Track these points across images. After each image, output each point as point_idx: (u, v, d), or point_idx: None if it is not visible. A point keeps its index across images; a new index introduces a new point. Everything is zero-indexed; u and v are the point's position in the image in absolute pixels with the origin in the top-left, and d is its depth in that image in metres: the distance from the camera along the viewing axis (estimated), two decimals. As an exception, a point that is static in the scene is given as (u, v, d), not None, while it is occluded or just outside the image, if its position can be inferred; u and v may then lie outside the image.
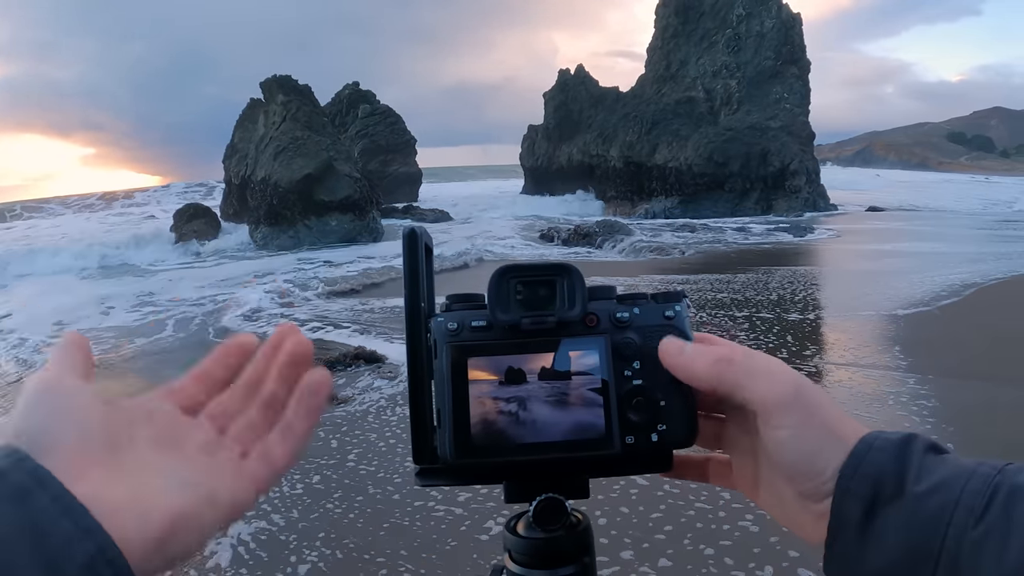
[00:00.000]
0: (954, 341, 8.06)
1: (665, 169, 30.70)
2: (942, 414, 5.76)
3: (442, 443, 0.54)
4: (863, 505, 0.47)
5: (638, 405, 0.55)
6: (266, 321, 11.26)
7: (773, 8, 32.64)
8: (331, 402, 7.19)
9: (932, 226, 22.80)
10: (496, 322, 0.54)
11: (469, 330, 0.55)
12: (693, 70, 33.92)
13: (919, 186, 53.24)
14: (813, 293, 11.48)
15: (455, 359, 0.54)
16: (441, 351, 0.54)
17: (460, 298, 0.57)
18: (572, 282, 0.56)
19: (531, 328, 0.54)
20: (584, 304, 0.55)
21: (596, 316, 0.56)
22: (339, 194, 23.75)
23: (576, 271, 0.56)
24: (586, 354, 0.55)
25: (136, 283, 16.73)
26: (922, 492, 0.46)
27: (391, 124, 34.19)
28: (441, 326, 0.55)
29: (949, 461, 0.47)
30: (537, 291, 0.56)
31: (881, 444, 0.49)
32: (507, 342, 0.55)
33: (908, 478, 0.47)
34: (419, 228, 0.57)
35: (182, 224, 25.10)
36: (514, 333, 0.55)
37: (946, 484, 0.45)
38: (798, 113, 31.56)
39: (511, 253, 19.23)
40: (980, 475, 0.45)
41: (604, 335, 0.55)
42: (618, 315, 0.56)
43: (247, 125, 26.87)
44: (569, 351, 0.55)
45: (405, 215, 30.75)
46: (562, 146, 37.03)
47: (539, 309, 0.55)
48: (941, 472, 0.46)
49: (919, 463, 0.47)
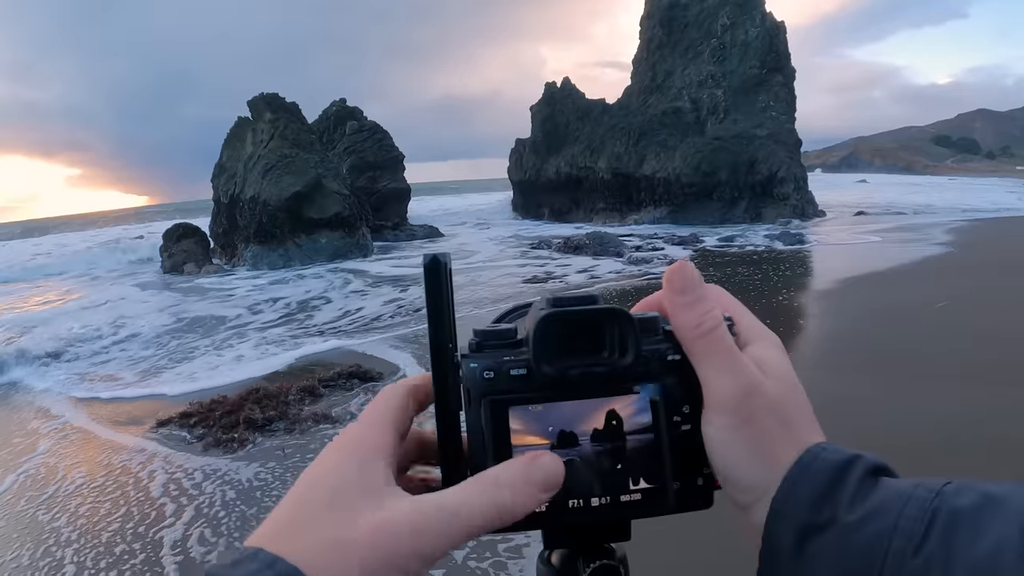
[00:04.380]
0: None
1: (653, 180, 30.79)
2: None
3: None
4: (795, 531, 0.45)
5: (686, 452, 0.51)
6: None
7: (757, 17, 32.89)
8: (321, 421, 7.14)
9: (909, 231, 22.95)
10: (539, 373, 0.49)
11: (508, 379, 0.49)
12: (679, 80, 34.09)
13: (905, 189, 53.70)
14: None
15: (494, 413, 0.49)
16: (477, 404, 0.50)
17: (490, 335, 0.52)
18: (623, 327, 0.50)
19: (578, 380, 0.50)
20: (637, 351, 0.50)
21: (647, 360, 0.51)
22: (328, 211, 23.69)
23: (627, 315, 0.50)
24: (639, 410, 0.51)
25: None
26: (855, 520, 0.44)
27: (379, 140, 34.15)
28: (475, 373, 0.49)
29: (886, 485, 0.45)
30: (585, 338, 0.51)
31: (820, 466, 0.47)
32: (550, 393, 0.50)
33: (841, 505, 0.45)
34: (442, 256, 0.51)
35: (171, 244, 24.95)
36: (559, 384, 0.50)
37: (881, 511, 0.43)
38: (784, 121, 31.74)
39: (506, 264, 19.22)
40: (917, 499, 0.43)
41: (656, 384, 0.51)
42: (669, 358, 0.52)
43: (235, 144, 26.79)
44: (623, 406, 0.51)
45: (395, 231, 30.68)
46: (550, 159, 37.07)
47: (587, 358, 0.50)
48: (876, 497, 0.44)
49: (855, 488, 0.45)
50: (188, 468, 6.35)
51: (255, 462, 6.34)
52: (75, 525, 5.43)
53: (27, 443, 7.39)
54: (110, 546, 5.04)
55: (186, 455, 6.66)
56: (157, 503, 5.68)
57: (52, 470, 6.59)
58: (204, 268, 23.18)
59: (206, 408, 7.66)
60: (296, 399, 7.80)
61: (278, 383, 8.38)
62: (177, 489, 5.91)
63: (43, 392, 9.36)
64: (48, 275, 25.30)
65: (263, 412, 7.33)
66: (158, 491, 5.90)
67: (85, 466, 6.67)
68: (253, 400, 7.67)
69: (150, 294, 18.11)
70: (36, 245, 40.63)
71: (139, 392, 9.05)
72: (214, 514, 5.39)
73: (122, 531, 5.26)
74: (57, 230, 59.55)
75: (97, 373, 10.20)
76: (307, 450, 6.51)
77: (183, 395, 8.55)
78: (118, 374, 10.08)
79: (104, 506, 5.73)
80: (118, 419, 7.99)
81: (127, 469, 6.46)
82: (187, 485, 5.98)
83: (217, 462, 6.42)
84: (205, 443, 6.86)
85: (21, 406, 8.85)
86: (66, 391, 9.29)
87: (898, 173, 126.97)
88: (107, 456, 6.88)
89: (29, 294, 20.75)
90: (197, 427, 7.27)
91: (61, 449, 7.16)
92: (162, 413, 7.78)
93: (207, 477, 6.11)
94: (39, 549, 5.09)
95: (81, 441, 7.40)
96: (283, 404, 7.62)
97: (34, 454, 7.04)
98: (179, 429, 7.32)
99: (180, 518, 5.37)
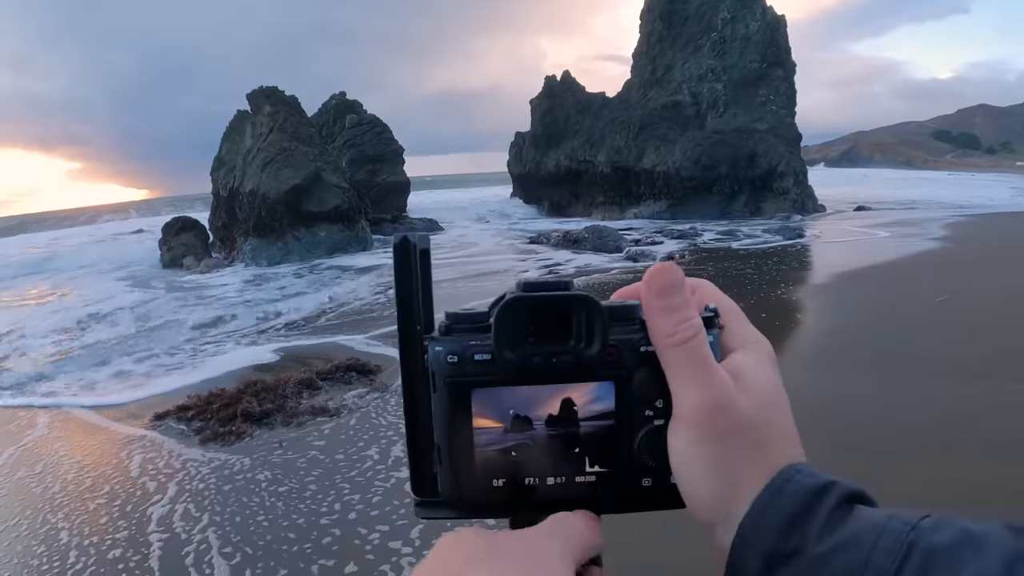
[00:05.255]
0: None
1: (653, 173, 30.76)
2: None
3: (443, 481, 0.50)
4: (762, 559, 0.43)
5: (656, 449, 0.49)
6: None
7: (758, 11, 32.79)
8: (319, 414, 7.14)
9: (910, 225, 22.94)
10: (502, 358, 0.48)
11: (472, 363, 0.49)
12: (679, 74, 34.02)
13: (904, 183, 53.67)
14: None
15: (456, 397, 0.49)
16: (440, 387, 0.49)
17: (460, 318, 0.51)
18: (591, 315, 0.48)
19: (541, 367, 0.49)
20: (603, 339, 0.48)
21: (617, 350, 0.49)
22: (328, 204, 23.66)
23: (595, 302, 0.49)
24: (599, 398, 0.50)
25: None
26: (825, 551, 0.41)
27: (378, 134, 34.07)
28: (440, 356, 0.49)
29: (859, 515, 0.43)
30: (550, 324, 0.49)
31: (791, 490, 0.45)
32: (514, 380, 0.49)
33: (810, 534, 0.42)
34: (412, 236, 0.50)
35: (170, 237, 24.94)
36: (523, 371, 0.49)
37: (852, 542, 0.41)
38: (784, 115, 31.69)
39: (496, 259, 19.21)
40: (891, 532, 0.41)
41: (622, 373, 0.50)
42: (642, 349, 0.50)
43: (234, 137, 26.73)
44: (582, 393, 0.50)
45: (394, 224, 30.65)
46: (549, 152, 37.02)
47: (551, 345, 0.49)
48: (848, 528, 0.42)
49: (826, 517, 0.43)
50: (186, 461, 6.35)
51: (252, 455, 6.35)
52: (73, 522, 5.44)
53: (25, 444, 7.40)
54: (110, 550, 5.05)
55: (184, 448, 6.66)
56: (157, 503, 5.68)
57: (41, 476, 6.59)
58: (203, 262, 23.16)
59: (204, 401, 7.66)
60: (294, 392, 7.80)
61: (276, 376, 8.38)
62: (176, 484, 5.92)
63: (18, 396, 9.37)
64: (39, 272, 25.00)
65: (261, 405, 7.34)
66: (158, 489, 5.91)
67: (84, 460, 6.68)
68: (251, 393, 7.67)
69: (141, 292, 18.11)
70: (27, 240, 40.52)
71: (130, 396, 9.05)
72: (215, 509, 5.40)
73: (121, 530, 5.27)
74: (57, 225, 59.50)
75: (84, 377, 10.19)
76: (305, 443, 6.51)
77: (175, 391, 8.55)
78: (100, 375, 10.07)
79: (104, 505, 5.74)
80: (117, 416, 7.99)
81: (127, 464, 6.47)
82: (186, 478, 5.99)
83: (214, 455, 6.43)
84: (203, 436, 6.86)
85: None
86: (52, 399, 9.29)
87: (898, 168, 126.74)
88: (107, 450, 6.88)
89: (24, 292, 20.65)
90: (195, 420, 7.27)
91: (55, 450, 7.16)
92: (159, 407, 7.78)
93: (206, 469, 6.12)
94: (31, 543, 5.10)
95: (81, 435, 7.41)
96: (281, 397, 7.62)
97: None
98: (177, 422, 7.32)
99: (183, 517, 5.38)
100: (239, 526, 5.03)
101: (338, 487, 5.50)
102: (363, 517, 4.97)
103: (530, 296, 0.49)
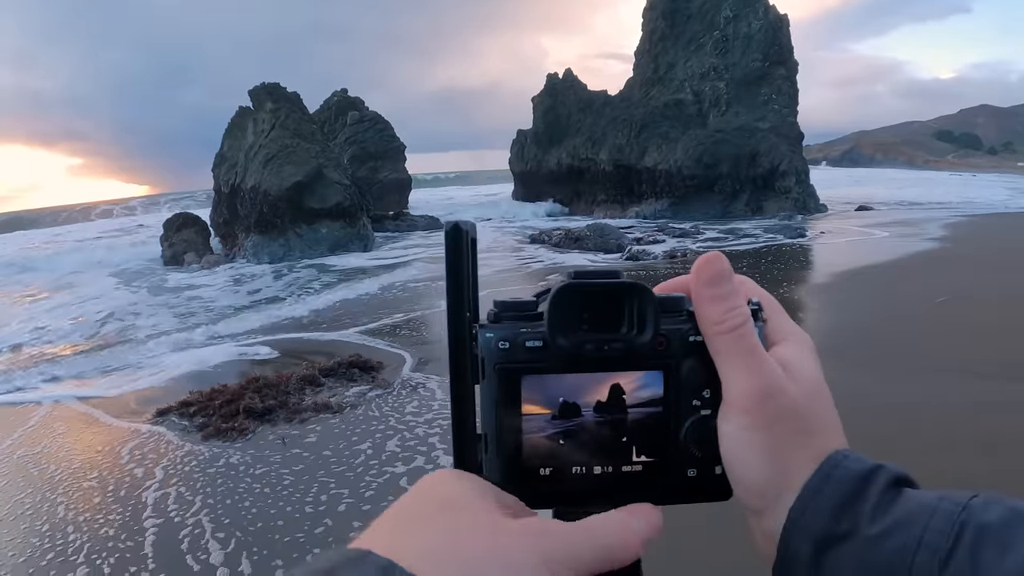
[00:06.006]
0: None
1: (655, 172, 30.76)
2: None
3: (490, 468, 0.50)
4: (813, 542, 0.44)
5: (703, 439, 0.50)
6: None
7: (760, 10, 32.77)
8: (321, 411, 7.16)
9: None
10: (554, 345, 0.48)
11: (523, 350, 0.49)
12: (681, 72, 34.00)
13: (906, 183, 53.60)
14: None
15: (506, 383, 0.49)
16: (490, 373, 0.49)
17: (509, 306, 0.51)
18: (643, 303, 0.49)
19: (594, 354, 0.49)
20: (656, 328, 0.49)
21: (666, 339, 0.50)
22: (329, 201, 23.67)
23: (648, 291, 0.49)
24: (648, 386, 0.50)
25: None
26: (877, 533, 0.42)
27: (380, 130, 34.15)
28: (490, 343, 0.49)
29: (909, 497, 0.44)
30: (603, 312, 0.49)
31: (841, 475, 0.46)
32: (564, 367, 0.49)
33: (862, 516, 0.43)
34: (464, 223, 0.50)
35: (172, 234, 24.94)
36: (574, 358, 0.49)
37: (904, 524, 0.42)
38: (786, 114, 31.67)
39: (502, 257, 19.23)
40: (943, 512, 0.42)
41: (671, 362, 0.50)
42: (691, 339, 0.50)
43: (236, 133, 26.74)
44: (628, 381, 0.50)
45: (395, 221, 30.67)
46: (551, 150, 37.03)
47: (604, 332, 0.49)
48: (899, 510, 0.43)
49: (877, 499, 0.44)
50: (188, 457, 6.37)
51: (254, 451, 6.37)
52: (76, 518, 5.46)
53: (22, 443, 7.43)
54: (108, 542, 5.08)
55: (187, 444, 6.68)
56: (157, 502, 5.71)
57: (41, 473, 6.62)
58: (204, 258, 23.16)
59: (206, 397, 7.67)
60: (296, 388, 7.82)
61: (278, 372, 8.39)
62: (180, 479, 5.94)
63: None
64: (36, 270, 24.86)
65: (263, 401, 7.35)
66: (158, 487, 5.93)
67: (83, 456, 6.71)
68: (253, 389, 7.69)
69: (134, 291, 18.14)
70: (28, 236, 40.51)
71: (124, 389, 9.07)
72: (216, 505, 5.42)
73: (126, 534, 5.29)
74: (58, 221, 59.52)
75: (83, 374, 10.22)
76: (307, 440, 6.54)
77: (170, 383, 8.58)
78: (93, 372, 10.10)
79: (105, 504, 5.76)
80: (120, 410, 8.02)
81: (128, 460, 6.49)
82: (188, 474, 6.01)
83: (217, 451, 6.45)
84: (205, 432, 6.88)
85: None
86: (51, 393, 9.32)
87: (900, 168, 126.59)
88: (108, 447, 6.91)
89: (21, 290, 20.63)
90: (197, 416, 7.29)
91: (54, 450, 7.19)
92: (162, 402, 7.81)
93: (208, 465, 6.14)
94: (30, 536, 5.13)
95: (80, 431, 7.44)
96: (283, 393, 7.64)
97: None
98: (179, 418, 7.34)
99: (184, 514, 5.40)
100: (240, 527, 5.06)
101: (339, 484, 5.53)
102: (362, 515, 5.00)
103: (584, 283, 0.49)
